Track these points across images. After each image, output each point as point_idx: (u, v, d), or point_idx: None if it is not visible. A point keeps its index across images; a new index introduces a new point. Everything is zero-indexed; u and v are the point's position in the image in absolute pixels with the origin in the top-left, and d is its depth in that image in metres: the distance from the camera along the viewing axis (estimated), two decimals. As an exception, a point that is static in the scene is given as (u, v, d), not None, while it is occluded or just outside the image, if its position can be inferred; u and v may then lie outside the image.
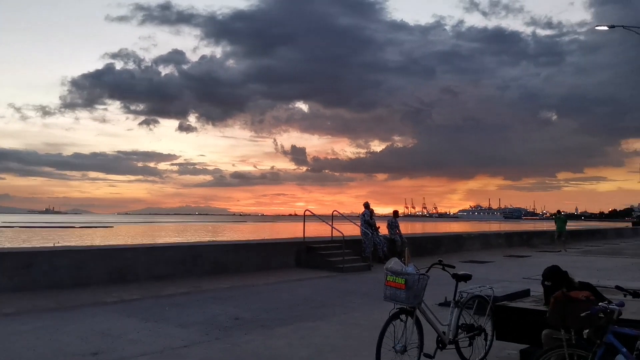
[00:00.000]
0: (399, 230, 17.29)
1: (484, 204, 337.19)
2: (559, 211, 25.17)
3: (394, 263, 4.93)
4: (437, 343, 5.15)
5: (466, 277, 5.50)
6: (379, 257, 15.69)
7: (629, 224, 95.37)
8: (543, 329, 4.78)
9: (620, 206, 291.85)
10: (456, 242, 20.07)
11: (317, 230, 18.77)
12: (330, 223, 15.08)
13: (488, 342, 5.56)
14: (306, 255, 14.14)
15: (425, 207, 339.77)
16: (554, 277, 4.52)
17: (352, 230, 16.38)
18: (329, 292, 10.42)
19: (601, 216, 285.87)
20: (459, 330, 5.35)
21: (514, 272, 14.27)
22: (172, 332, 6.86)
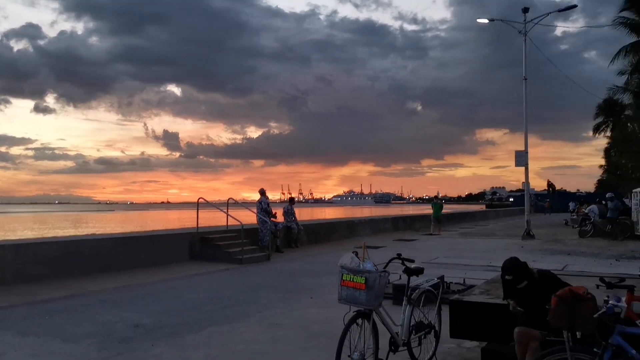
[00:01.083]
0: (295, 217, 16.75)
1: (357, 189, 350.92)
2: (436, 196, 26.24)
3: (348, 259, 4.27)
4: (389, 345, 4.59)
5: (418, 271, 5.00)
6: (276, 246, 15.05)
7: (483, 207, 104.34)
8: (502, 324, 4.44)
9: (475, 190, 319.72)
10: (348, 228, 20.04)
11: (209, 219, 17.65)
12: (226, 211, 14.10)
13: (436, 340, 5.15)
14: (200, 246, 13.05)
15: (301, 193, 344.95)
16: (515, 270, 4.16)
17: (246, 218, 15.53)
18: (233, 287, 9.54)
19: (459, 199, 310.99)
20: (412, 330, 4.85)
21: (410, 256, 14.36)
22: (60, 349, 5.62)
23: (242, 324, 6.77)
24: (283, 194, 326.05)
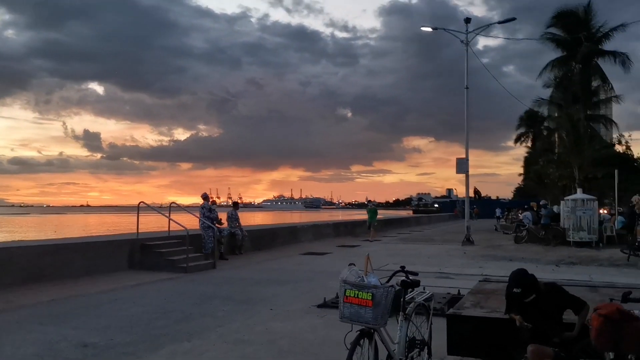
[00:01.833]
0: (239, 223, 16.11)
1: (287, 194, 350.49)
2: (370, 202, 26.14)
3: (351, 273, 3.85)
4: None
5: (414, 285, 4.65)
6: (220, 253, 14.36)
7: (410, 212, 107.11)
8: (504, 340, 4.20)
9: (402, 196, 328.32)
10: (291, 233, 19.61)
11: (143, 224, 16.62)
12: (168, 215, 13.28)
13: (429, 357, 4.84)
14: (141, 254, 12.17)
15: (230, 197, 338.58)
16: (525, 283, 3.94)
17: (187, 224, 14.73)
18: (183, 298, 8.86)
19: (387, 205, 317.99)
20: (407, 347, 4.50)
21: (358, 263, 14.11)
22: (-4, 378, 4.84)
23: (204, 340, 6.18)
24: (212, 197, 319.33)
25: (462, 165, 20.39)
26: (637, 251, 14.10)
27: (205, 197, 14.58)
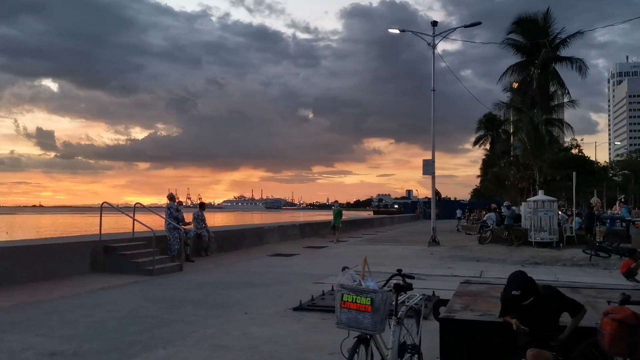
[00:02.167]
0: (206, 224, 15.75)
1: (248, 195, 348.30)
2: (335, 203, 26.00)
3: (347, 277, 3.70)
4: None
5: (407, 288, 4.53)
6: (186, 255, 13.97)
7: (371, 213, 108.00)
8: (499, 344, 4.14)
9: (362, 197, 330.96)
10: (258, 235, 19.32)
11: (107, 226, 16.07)
12: (132, 216, 12.83)
13: None
14: (104, 257, 11.69)
15: (189, 198, 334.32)
16: (525, 286, 3.88)
17: (151, 224, 14.28)
18: (152, 303, 8.51)
19: (348, 206, 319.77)
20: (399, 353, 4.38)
21: (328, 264, 14.04)
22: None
23: (180, 347, 5.92)
24: (178, 198, 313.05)
25: (428, 167, 20.57)
26: (598, 251, 14.48)
27: (171, 197, 14.17)
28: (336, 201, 23.09)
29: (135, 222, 12.94)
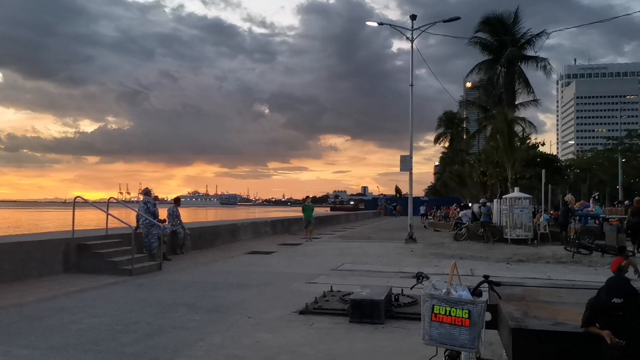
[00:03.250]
0: (181, 220, 14.95)
1: (202, 190, 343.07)
2: (306, 198, 25.31)
3: (435, 284, 3.21)
4: None
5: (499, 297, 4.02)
6: (162, 254, 13.17)
7: (328, 209, 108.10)
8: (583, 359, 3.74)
9: (319, 193, 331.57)
10: (231, 232, 18.62)
11: (62, 219, 15.04)
12: (106, 211, 11.95)
13: None
14: (77, 256, 10.81)
15: (121, 193, 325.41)
16: (629, 293, 3.49)
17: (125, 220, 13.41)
18: (142, 307, 7.79)
19: (304, 202, 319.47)
20: None
21: (311, 263, 13.57)
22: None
23: (191, 359, 5.31)
24: (121, 193, 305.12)
25: (406, 163, 20.34)
26: (579, 249, 14.55)
27: (146, 192, 13.33)
28: (307, 196, 22.55)
29: (108, 218, 12.04)
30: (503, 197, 20.87)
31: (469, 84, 42.90)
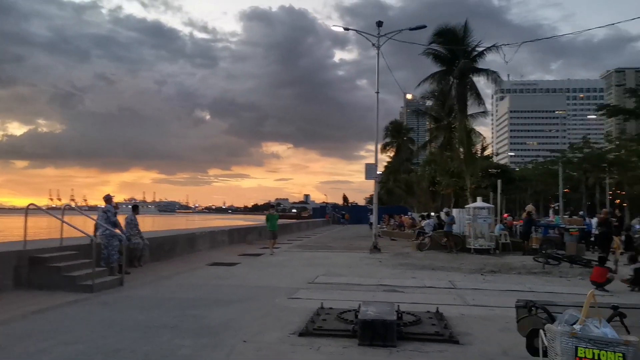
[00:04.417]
0: (139, 230, 13.84)
1: (139, 197, 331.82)
2: (272, 206, 24.56)
3: (568, 318, 2.63)
4: None
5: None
6: (119, 266, 12.05)
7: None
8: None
9: (260, 201, 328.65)
10: (189, 241, 17.55)
11: (15, 231, 13.62)
12: (61, 218, 10.77)
13: None
14: (30, 270, 9.60)
15: (73, 199, 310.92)
16: None
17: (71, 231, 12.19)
18: (118, 331, 6.83)
19: (245, 210, 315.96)
20: None
21: (282, 274, 12.88)
22: None
23: (199, 396, 4.52)
24: (52, 199, 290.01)
25: (371, 171, 19.95)
26: (548, 259, 14.58)
27: (108, 198, 12.18)
28: (273, 205, 21.94)
29: (62, 227, 10.85)
30: (466, 206, 20.89)
31: (409, 96, 43.35)
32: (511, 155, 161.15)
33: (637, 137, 44.88)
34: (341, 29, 22.25)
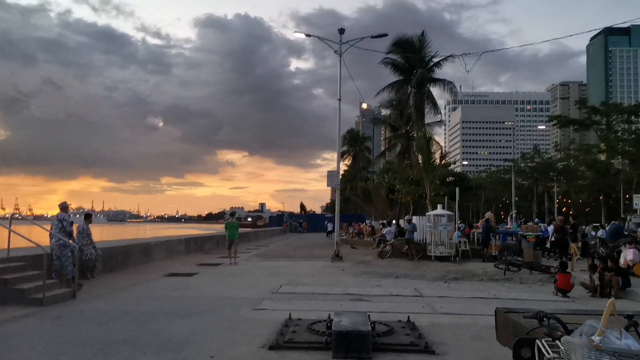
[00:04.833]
0: (92, 240, 13.14)
1: (87, 206, 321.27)
2: (232, 214, 24.00)
3: (589, 329, 2.45)
4: None
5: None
6: (73, 278, 11.39)
7: (224, 226, 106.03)
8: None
9: (215, 210, 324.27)
10: (143, 251, 16.86)
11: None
12: (9, 227, 10.08)
13: None
14: (-27, 283, 8.90)
15: (17, 209, 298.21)
16: None
17: (19, 241, 11.46)
18: (74, 348, 6.33)
19: (199, 219, 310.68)
20: None
21: (243, 284, 12.53)
22: None
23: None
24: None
25: (333, 178, 19.79)
26: (509, 266, 14.75)
27: (64, 207, 11.51)
28: (233, 213, 21.38)
29: (10, 236, 10.15)
30: (427, 213, 21.01)
31: (365, 105, 43.97)
32: (464, 165, 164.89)
33: (585, 147, 46.70)
34: (302, 35, 22.02)
